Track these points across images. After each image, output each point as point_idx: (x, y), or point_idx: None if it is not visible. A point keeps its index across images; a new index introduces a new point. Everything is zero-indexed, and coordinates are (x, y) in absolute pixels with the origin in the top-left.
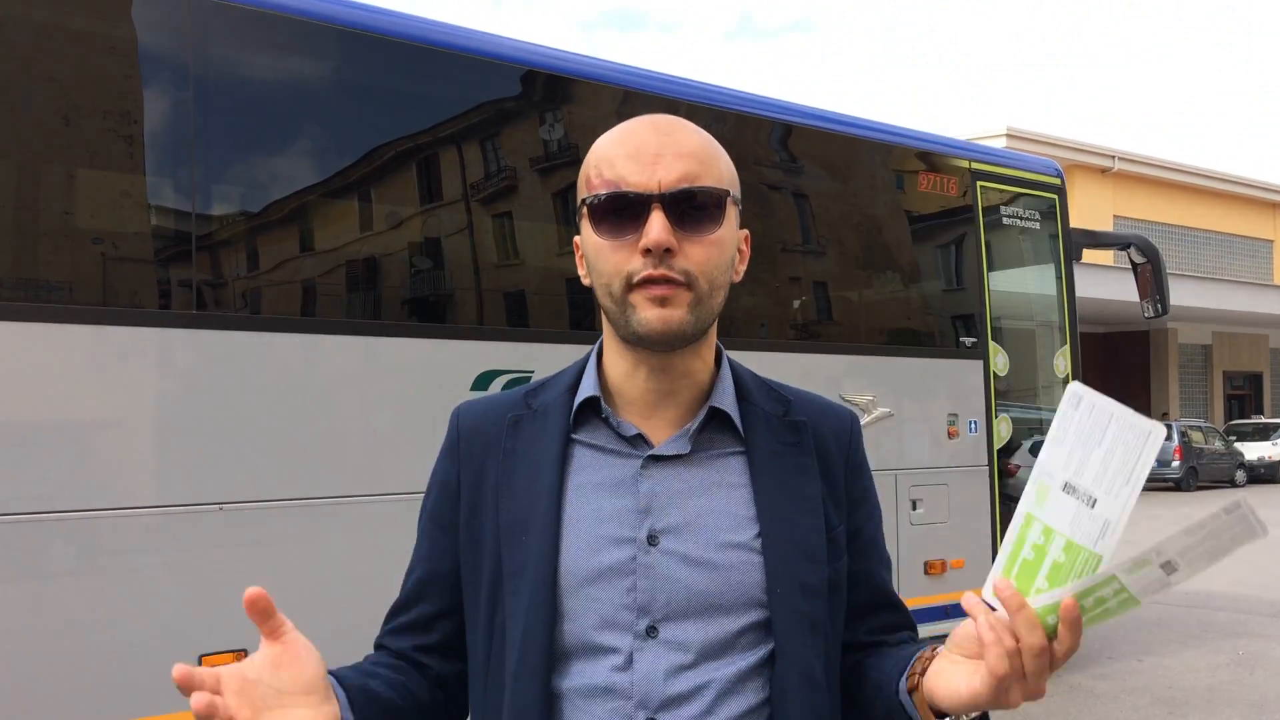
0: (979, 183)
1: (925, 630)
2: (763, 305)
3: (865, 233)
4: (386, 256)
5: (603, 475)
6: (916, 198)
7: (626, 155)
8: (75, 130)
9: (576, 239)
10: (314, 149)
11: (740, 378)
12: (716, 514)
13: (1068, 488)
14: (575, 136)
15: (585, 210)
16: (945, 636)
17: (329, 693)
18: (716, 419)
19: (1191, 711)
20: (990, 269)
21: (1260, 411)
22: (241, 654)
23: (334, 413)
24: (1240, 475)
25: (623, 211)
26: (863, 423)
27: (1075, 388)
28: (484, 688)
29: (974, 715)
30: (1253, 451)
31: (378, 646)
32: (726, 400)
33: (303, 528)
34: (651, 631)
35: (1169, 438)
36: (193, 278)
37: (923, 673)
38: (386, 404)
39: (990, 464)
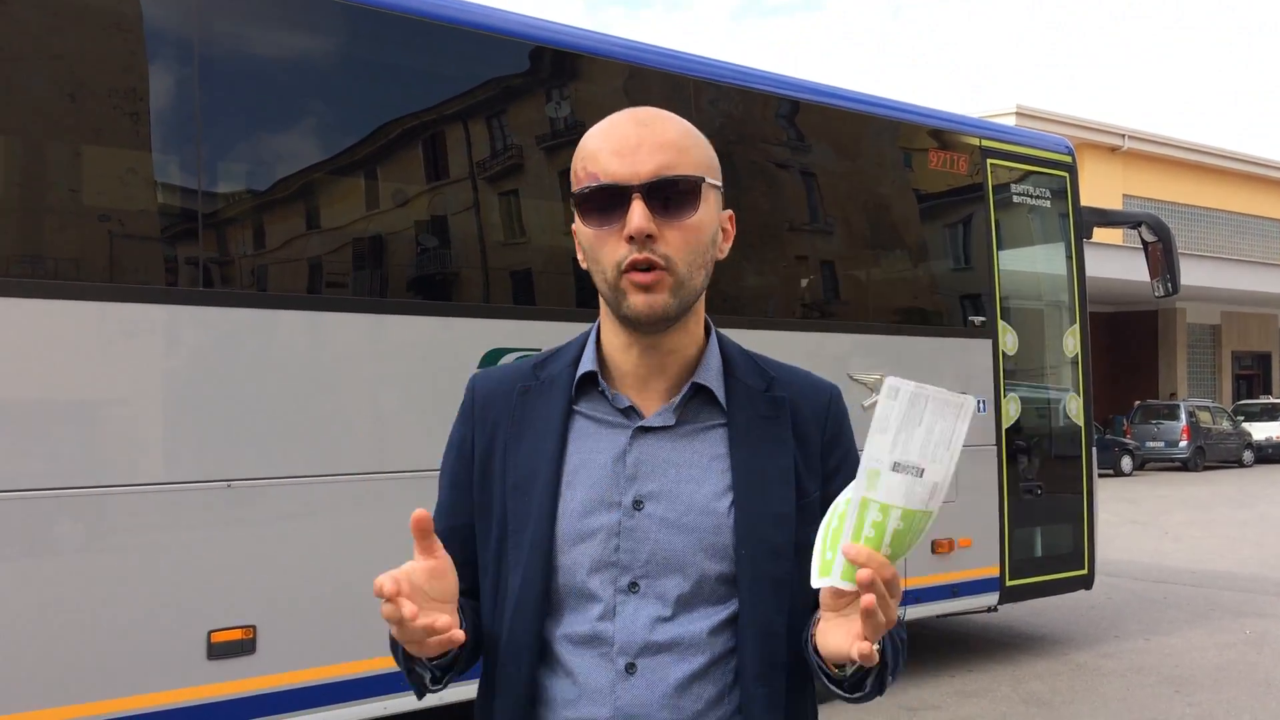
0: (989, 160)
1: (933, 609)
2: (771, 284)
3: (874, 211)
4: (393, 234)
5: (598, 444)
6: (926, 175)
7: (609, 150)
8: (81, 107)
9: (574, 226)
10: (320, 126)
11: (728, 353)
12: (695, 482)
13: (897, 466)
14: (582, 113)
15: (575, 203)
16: (948, 616)
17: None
18: (702, 393)
19: (1198, 690)
20: (1000, 248)
21: (1268, 391)
22: (250, 630)
23: (341, 390)
24: (1248, 455)
25: (607, 203)
26: (869, 402)
27: (891, 381)
28: (490, 629)
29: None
30: (1260, 431)
31: None
32: (710, 376)
33: (311, 505)
34: (633, 587)
35: (1176, 417)
36: (199, 255)
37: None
38: (393, 382)
39: (999, 443)
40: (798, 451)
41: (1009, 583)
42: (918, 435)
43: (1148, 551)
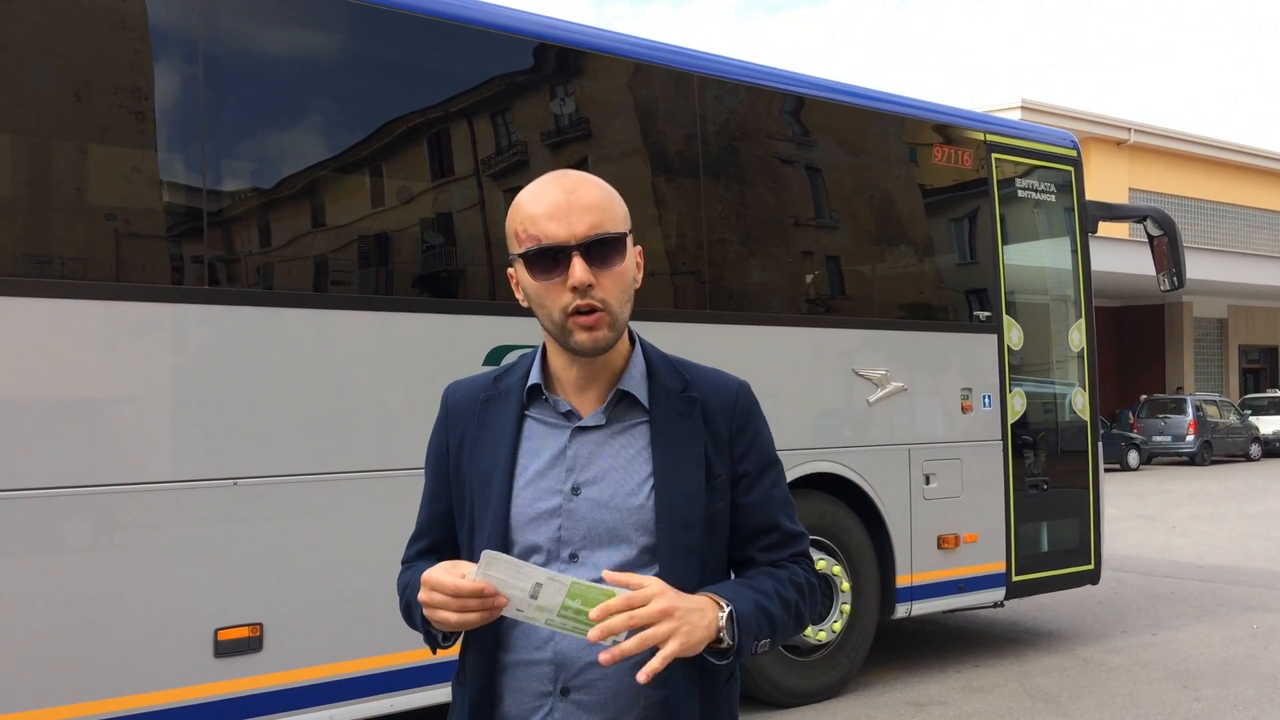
0: (994, 155)
1: (940, 604)
2: (775, 280)
3: (879, 206)
4: (398, 232)
5: (543, 442)
6: (930, 170)
7: (545, 215)
8: (86, 106)
9: (510, 272)
10: (324, 124)
11: (651, 359)
12: (623, 470)
13: (533, 592)
14: (587, 110)
15: (521, 261)
16: (954, 611)
17: None
18: (627, 396)
19: (1205, 685)
20: (1005, 242)
21: (1276, 385)
22: (257, 627)
23: (347, 388)
24: (1255, 449)
25: (550, 260)
26: (875, 397)
27: (475, 572)
28: None
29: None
30: (1268, 425)
31: (408, 564)
32: (634, 383)
33: (316, 502)
34: (573, 558)
35: (1183, 411)
36: (205, 253)
37: None
38: (399, 379)
39: (1004, 439)
40: (708, 440)
41: (1015, 578)
42: (510, 582)
43: (1154, 546)
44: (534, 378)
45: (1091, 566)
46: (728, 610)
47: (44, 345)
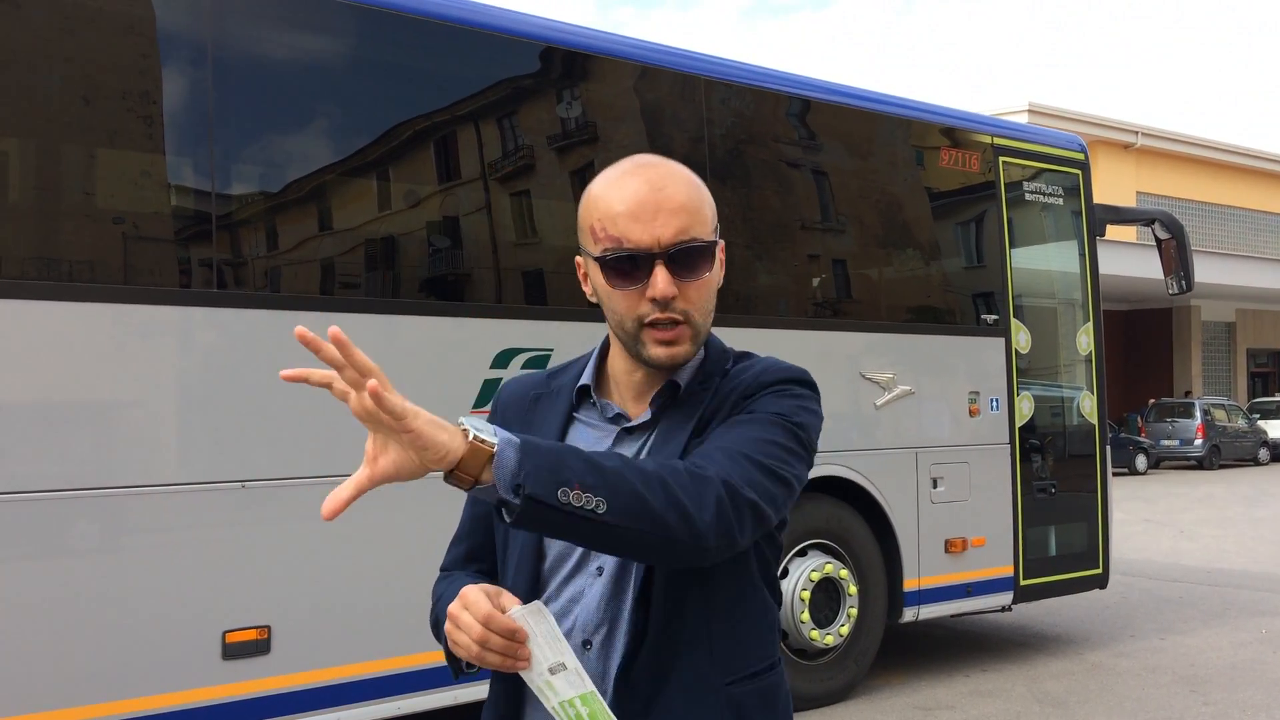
0: (1001, 158)
1: (948, 608)
2: (782, 283)
3: (886, 209)
4: (406, 235)
5: (587, 444)
6: (938, 174)
7: (627, 214)
8: (95, 110)
9: (579, 259)
10: (332, 128)
11: (710, 352)
12: None
13: (554, 668)
14: (594, 114)
15: (596, 263)
16: (962, 615)
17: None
18: (677, 391)
19: (1213, 690)
20: (1012, 245)
21: None
22: (265, 630)
23: None
24: (1263, 453)
25: (630, 266)
26: (882, 401)
27: (517, 611)
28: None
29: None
30: (1276, 429)
31: (446, 571)
32: (683, 378)
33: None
34: (599, 571)
35: (1191, 415)
36: (213, 256)
37: None
38: (407, 382)
39: (1012, 442)
40: (712, 417)
41: (1023, 582)
42: (541, 643)
43: (1163, 550)
44: (585, 378)
45: (1099, 571)
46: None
47: (53, 348)
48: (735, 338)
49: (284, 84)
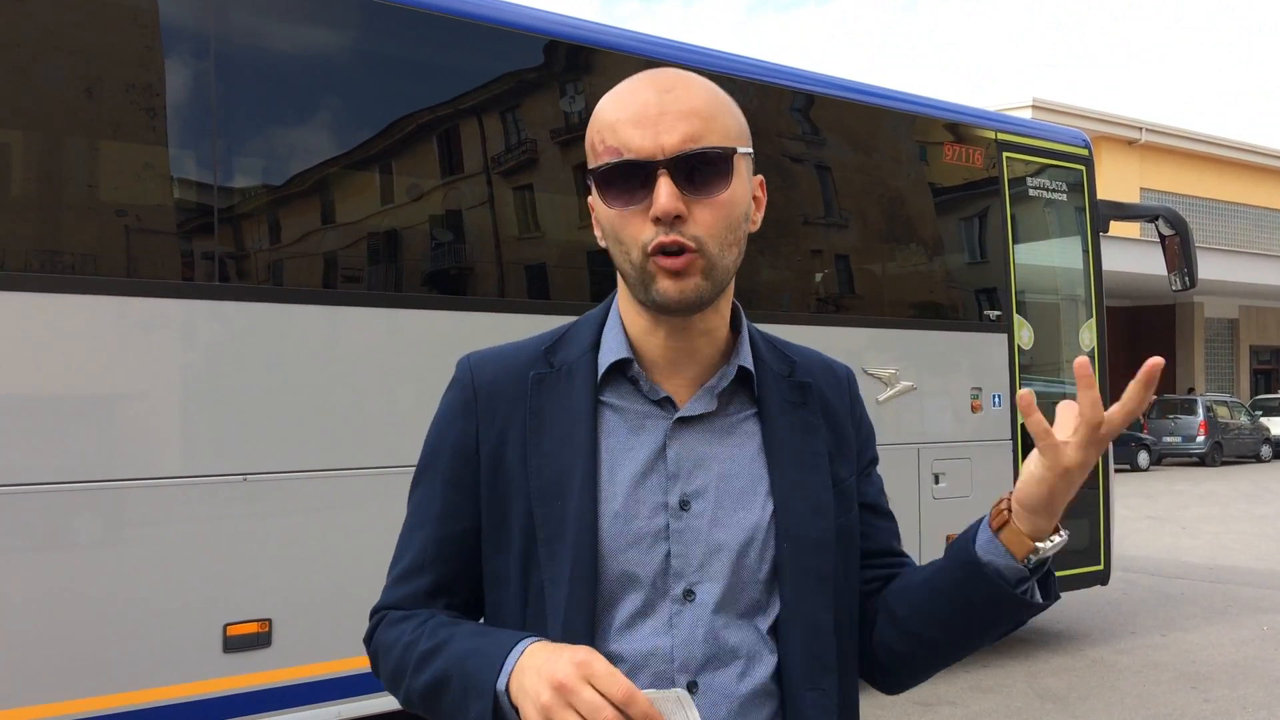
0: (1005, 154)
1: None
2: (785, 277)
3: (889, 205)
4: (409, 229)
5: (634, 439)
6: (941, 169)
7: (628, 120)
8: (98, 103)
9: (590, 200)
10: (335, 122)
11: (753, 337)
12: (738, 476)
13: None
14: None
15: (593, 181)
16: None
17: None
18: (739, 377)
19: (1215, 686)
20: (1016, 241)
21: None
22: (266, 623)
23: (356, 384)
24: (1266, 450)
25: (630, 179)
26: (884, 396)
27: (656, 695)
28: None
29: (1055, 544)
30: (1279, 426)
31: (389, 608)
32: (747, 359)
33: (326, 499)
34: (689, 595)
35: (1194, 412)
36: (216, 250)
37: (1008, 508)
38: (408, 376)
39: (1014, 438)
40: (829, 436)
41: None
42: None
43: (1164, 547)
44: (618, 350)
45: (1101, 567)
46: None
47: (55, 341)
48: None
49: (287, 77)
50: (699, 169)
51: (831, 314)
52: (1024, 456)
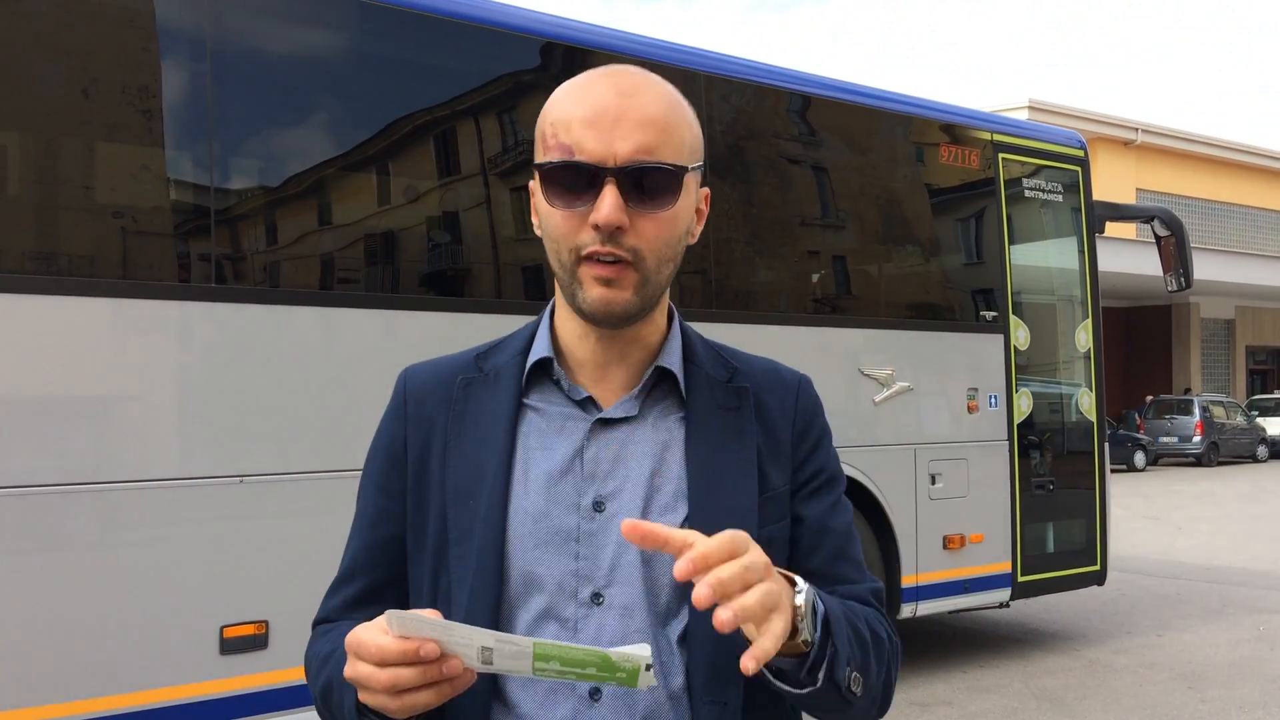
0: (1001, 155)
1: (945, 604)
2: (781, 279)
3: (885, 206)
4: (405, 231)
5: (551, 440)
6: (937, 170)
7: (584, 119)
8: (95, 104)
9: (532, 185)
10: (332, 123)
11: (689, 340)
12: (657, 477)
13: (485, 658)
14: None
15: (538, 173)
16: (960, 611)
17: None
18: (663, 382)
19: (1210, 686)
20: (1012, 242)
21: None
22: (262, 625)
23: (353, 386)
24: (1262, 450)
25: (576, 181)
26: (881, 397)
27: (394, 622)
28: None
29: (804, 602)
30: (1275, 426)
31: (322, 620)
32: (673, 361)
33: (322, 500)
34: (596, 599)
35: (1190, 412)
36: (212, 251)
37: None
38: None
39: (1010, 439)
40: (763, 443)
41: (1021, 578)
42: (456, 641)
43: (1160, 547)
44: (540, 350)
45: (1097, 567)
46: (804, 591)
47: (51, 343)
48: (734, 334)
49: (283, 79)
50: (648, 183)
51: (828, 315)
52: (1020, 457)
